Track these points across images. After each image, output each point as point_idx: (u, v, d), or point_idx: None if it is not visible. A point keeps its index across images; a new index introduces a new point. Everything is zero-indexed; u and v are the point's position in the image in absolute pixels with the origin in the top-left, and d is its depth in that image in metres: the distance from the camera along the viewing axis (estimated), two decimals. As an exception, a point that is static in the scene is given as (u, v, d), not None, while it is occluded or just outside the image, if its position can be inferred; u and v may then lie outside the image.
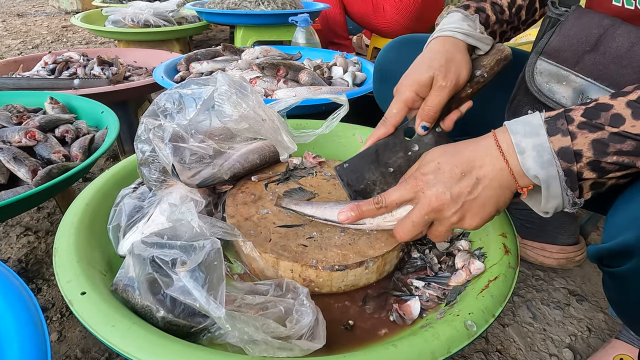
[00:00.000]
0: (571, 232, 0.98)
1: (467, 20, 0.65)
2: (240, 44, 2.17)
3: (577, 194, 0.47)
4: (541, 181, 0.47)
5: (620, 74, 0.55)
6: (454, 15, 0.67)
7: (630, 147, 0.44)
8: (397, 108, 0.62)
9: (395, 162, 0.64)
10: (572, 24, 0.61)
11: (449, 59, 0.61)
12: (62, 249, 0.60)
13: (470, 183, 0.50)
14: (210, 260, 0.51)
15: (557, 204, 0.48)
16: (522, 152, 0.47)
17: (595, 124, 0.45)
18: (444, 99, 0.59)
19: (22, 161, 0.90)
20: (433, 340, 0.48)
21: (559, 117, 0.47)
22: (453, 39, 0.63)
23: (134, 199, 0.71)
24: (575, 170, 0.46)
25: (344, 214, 0.58)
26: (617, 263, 0.47)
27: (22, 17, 4.13)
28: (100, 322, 0.49)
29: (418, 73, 0.61)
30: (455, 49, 0.62)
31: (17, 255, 1.03)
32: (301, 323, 0.50)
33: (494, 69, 0.64)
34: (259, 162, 0.78)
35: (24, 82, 1.46)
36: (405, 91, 0.61)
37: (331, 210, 0.63)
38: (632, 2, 0.56)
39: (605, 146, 0.45)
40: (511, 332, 0.86)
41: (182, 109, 0.71)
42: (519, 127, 0.49)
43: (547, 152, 0.46)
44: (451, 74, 0.59)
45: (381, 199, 0.55)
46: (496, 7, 0.70)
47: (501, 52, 0.64)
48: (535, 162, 0.46)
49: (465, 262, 0.63)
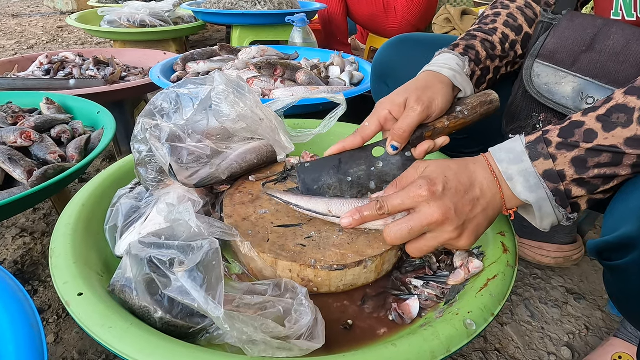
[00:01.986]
0: (568, 230, 0.98)
1: (456, 60, 0.67)
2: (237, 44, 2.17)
3: (569, 210, 0.49)
4: (532, 204, 0.49)
5: (618, 70, 0.56)
6: (445, 55, 0.69)
7: (607, 159, 0.46)
8: (370, 122, 0.63)
9: (355, 173, 0.65)
10: (565, 26, 0.62)
11: (426, 86, 0.62)
12: (59, 250, 0.60)
13: (472, 202, 0.51)
14: (209, 260, 0.51)
15: (552, 220, 0.51)
16: (510, 178, 0.50)
17: (570, 143, 0.48)
18: (414, 121, 0.60)
19: (18, 162, 0.89)
20: (432, 339, 0.48)
21: (539, 142, 0.49)
22: (438, 73, 0.65)
23: (131, 199, 0.71)
24: (562, 189, 0.48)
25: (346, 220, 0.58)
26: (618, 256, 0.47)
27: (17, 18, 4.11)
28: (98, 323, 0.48)
29: (395, 95, 0.63)
30: (436, 79, 0.63)
31: (13, 257, 1.02)
32: (300, 323, 0.50)
33: (477, 110, 0.64)
34: (257, 162, 0.78)
35: (19, 83, 1.45)
36: (379, 110, 0.63)
37: (315, 201, 0.63)
38: (634, 14, 0.57)
39: (584, 162, 0.47)
40: (510, 330, 0.86)
41: (179, 108, 0.70)
42: (503, 154, 0.51)
43: (533, 177, 0.49)
44: (425, 98, 0.60)
45: (383, 205, 0.54)
46: (486, 43, 0.71)
47: (487, 95, 0.65)
48: (524, 187, 0.49)
49: (464, 261, 0.63)
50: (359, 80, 1.51)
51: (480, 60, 0.70)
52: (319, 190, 0.66)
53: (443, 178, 0.51)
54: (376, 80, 0.91)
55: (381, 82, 0.90)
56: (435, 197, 0.50)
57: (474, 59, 0.69)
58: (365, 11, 2.01)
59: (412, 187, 0.52)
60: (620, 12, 0.58)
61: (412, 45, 0.83)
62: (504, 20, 0.73)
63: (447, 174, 0.52)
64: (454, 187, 0.51)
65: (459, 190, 0.51)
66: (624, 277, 0.49)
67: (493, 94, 0.65)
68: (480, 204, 0.51)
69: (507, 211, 0.52)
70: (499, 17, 0.73)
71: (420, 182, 0.52)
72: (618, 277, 0.50)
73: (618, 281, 0.51)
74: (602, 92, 0.58)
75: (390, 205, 0.54)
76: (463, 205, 0.50)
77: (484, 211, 0.52)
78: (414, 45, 0.84)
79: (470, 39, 0.71)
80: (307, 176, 0.66)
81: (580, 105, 0.60)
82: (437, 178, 0.51)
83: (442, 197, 0.50)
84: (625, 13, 0.58)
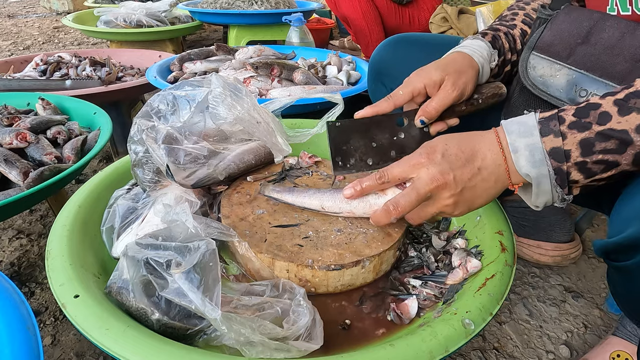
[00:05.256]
0: (566, 229, 0.98)
1: (487, 50, 0.69)
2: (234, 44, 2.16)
3: (566, 190, 0.49)
4: (532, 179, 0.49)
5: (611, 63, 0.57)
6: (477, 41, 0.70)
7: (614, 145, 0.46)
8: (403, 91, 0.65)
9: (379, 139, 0.67)
10: (562, 19, 0.62)
11: (463, 71, 0.64)
12: (55, 252, 0.59)
13: (472, 171, 0.51)
14: (206, 261, 0.50)
15: (547, 199, 0.51)
16: (515, 150, 0.50)
17: (584, 123, 0.47)
18: (448, 102, 0.62)
19: (14, 163, 0.89)
20: (431, 339, 0.47)
21: (552, 118, 0.49)
22: (471, 58, 0.67)
23: (128, 200, 0.71)
24: (564, 169, 0.48)
25: (348, 190, 0.60)
26: (625, 257, 0.47)
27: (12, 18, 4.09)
28: (94, 325, 0.48)
29: (433, 70, 0.64)
30: (470, 65, 0.66)
31: (9, 259, 1.02)
32: (298, 324, 0.50)
33: (489, 100, 0.68)
34: (254, 163, 0.78)
35: (14, 84, 1.45)
36: (415, 81, 0.65)
37: (310, 197, 0.66)
38: (629, 8, 0.57)
39: (591, 145, 0.47)
40: (508, 329, 0.86)
41: (175, 110, 0.70)
42: (514, 126, 0.51)
43: (539, 152, 0.48)
44: (460, 83, 0.63)
45: (383, 174, 0.56)
46: (509, 36, 0.74)
47: (499, 88, 0.69)
48: (528, 161, 0.49)
49: (462, 261, 0.63)
50: (356, 80, 1.51)
51: (503, 52, 0.72)
52: (347, 151, 0.66)
53: (443, 145, 0.53)
54: (373, 79, 0.91)
55: (378, 81, 0.90)
56: (434, 163, 0.52)
57: (499, 49, 0.72)
58: (392, 23, 2.05)
59: (412, 155, 0.54)
60: (615, 7, 0.58)
61: (408, 45, 0.84)
62: (522, 19, 0.75)
63: (448, 142, 0.53)
64: (453, 154, 0.52)
65: (459, 158, 0.51)
66: (630, 278, 0.48)
67: (503, 87, 0.69)
68: (480, 174, 0.51)
69: (512, 186, 0.52)
70: (517, 16, 0.76)
71: (420, 150, 0.54)
72: (624, 278, 0.50)
73: (624, 281, 0.51)
74: (595, 85, 0.58)
75: (390, 174, 0.56)
76: (462, 173, 0.51)
77: (484, 182, 0.52)
78: (409, 45, 0.84)
79: (497, 31, 0.74)
80: (337, 135, 0.66)
81: (574, 98, 0.60)
82: (436, 145, 0.53)
83: (441, 163, 0.52)
84: (621, 8, 0.58)
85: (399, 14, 2.01)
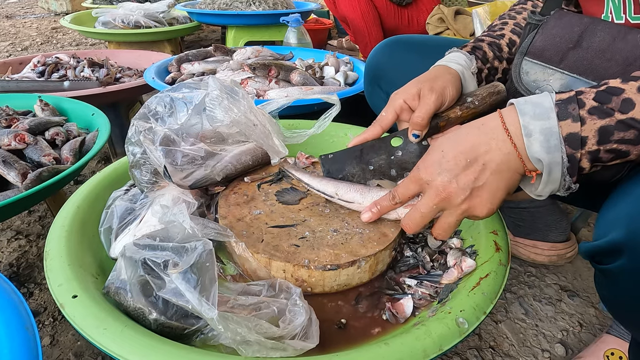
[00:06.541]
0: (562, 229, 0.99)
1: (464, 57, 0.69)
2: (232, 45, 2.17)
3: (574, 179, 0.47)
4: (544, 166, 0.46)
5: (604, 67, 0.57)
6: (453, 53, 0.71)
7: (633, 135, 0.44)
8: (387, 112, 0.65)
9: (376, 162, 0.68)
10: (553, 24, 0.63)
11: (438, 76, 0.64)
12: (53, 253, 0.60)
13: (476, 170, 0.49)
14: (202, 261, 0.51)
15: (554, 188, 0.48)
16: (529, 134, 0.46)
17: (605, 110, 0.44)
18: (430, 108, 0.62)
19: (12, 164, 0.89)
20: (425, 338, 0.48)
21: (571, 101, 0.46)
22: (446, 66, 0.67)
23: (126, 201, 0.71)
24: (577, 157, 0.45)
25: (366, 214, 0.63)
26: (608, 260, 0.48)
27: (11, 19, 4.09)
28: (92, 325, 0.48)
29: (409, 85, 0.65)
30: (446, 72, 0.66)
31: (8, 260, 1.02)
32: (294, 323, 0.50)
33: (486, 100, 0.67)
34: (252, 164, 0.78)
35: (13, 85, 1.45)
36: (395, 99, 0.65)
37: (325, 183, 0.68)
38: (622, 16, 0.57)
39: (610, 134, 0.44)
40: (504, 328, 0.86)
41: (173, 112, 0.70)
42: (528, 107, 0.47)
43: (555, 137, 0.45)
44: (437, 86, 0.62)
45: (395, 195, 0.58)
46: (493, 46, 0.74)
47: (494, 87, 0.68)
48: (542, 147, 0.46)
49: (457, 260, 0.64)
50: (354, 80, 1.52)
51: (487, 60, 0.73)
52: (343, 180, 0.69)
53: (439, 154, 0.52)
54: (369, 82, 0.92)
55: (374, 84, 0.90)
56: (433, 176, 0.51)
57: (481, 57, 0.72)
58: (391, 24, 2.05)
59: (413, 171, 0.55)
60: (610, 15, 0.59)
61: (404, 48, 0.84)
62: (511, 28, 0.75)
63: (445, 147, 0.52)
64: (452, 159, 0.51)
65: (459, 161, 0.50)
66: (613, 280, 0.49)
67: (500, 85, 0.68)
68: (488, 167, 0.49)
69: (529, 172, 0.49)
70: (507, 25, 0.76)
71: (420, 164, 0.54)
72: (608, 280, 0.51)
73: (608, 284, 0.51)
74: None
75: (399, 194, 0.57)
76: (465, 176, 0.50)
77: (495, 175, 0.49)
78: (405, 47, 0.85)
79: (478, 42, 0.74)
80: (331, 167, 0.69)
81: None
82: (433, 156, 0.53)
83: (440, 173, 0.51)
84: (615, 16, 0.58)
85: (397, 14, 2.02)
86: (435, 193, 0.51)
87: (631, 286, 0.46)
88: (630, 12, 0.56)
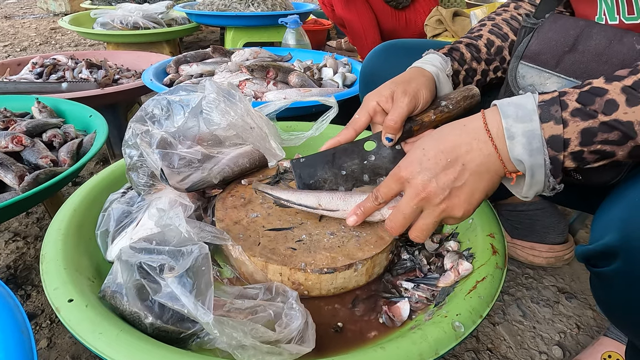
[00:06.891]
0: (560, 231, 0.99)
1: (439, 59, 0.69)
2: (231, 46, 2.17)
3: (558, 180, 0.47)
4: (526, 168, 0.46)
5: (601, 70, 0.56)
6: (429, 55, 0.71)
7: (617, 136, 0.43)
8: (360, 115, 0.65)
9: (349, 166, 0.67)
10: (549, 28, 0.62)
11: (412, 78, 0.64)
12: (49, 256, 0.60)
13: (456, 170, 0.49)
14: (198, 265, 0.51)
15: (539, 189, 0.48)
16: (511, 137, 0.46)
17: (588, 111, 0.44)
18: (404, 111, 0.61)
19: (9, 167, 0.89)
20: (421, 342, 0.48)
21: (553, 103, 0.46)
22: (421, 68, 0.67)
23: (123, 204, 0.71)
24: (560, 158, 0.45)
25: (351, 218, 0.61)
26: (603, 264, 0.48)
27: (9, 20, 4.09)
28: (88, 329, 0.48)
29: (381, 88, 0.64)
30: (419, 74, 0.65)
31: (5, 262, 1.02)
32: (290, 327, 0.50)
33: (460, 103, 0.66)
34: (249, 166, 0.78)
35: (10, 86, 1.45)
36: (368, 101, 0.65)
37: (305, 196, 0.65)
38: (616, 17, 0.57)
39: (593, 135, 0.44)
40: (501, 330, 0.86)
41: (170, 115, 0.70)
42: (511, 109, 0.47)
43: (537, 140, 0.45)
44: (410, 89, 0.62)
45: (377, 195, 0.57)
46: (471, 47, 0.74)
47: (469, 90, 0.67)
48: (525, 149, 0.46)
49: (453, 263, 0.64)
50: (352, 82, 1.52)
51: (464, 61, 0.72)
52: (315, 184, 0.67)
53: (420, 152, 0.52)
54: (365, 87, 0.92)
55: (370, 89, 0.90)
56: (413, 175, 0.51)
57: (458, 59, 0.72)
58: (388, 26, 2.05)
59: (394, 169, 0.54)
60: (603, 16, 0.59)
61: (399, 52, 0.84)
62: (489, 29, 0.75)
63: (426, 146, 0.52)
64: (432, 158, 0.50)
65: (439, 160, 0.50)
66: (608, 283, 0.49)
67: (474, 88, 0.67)
68: (468, 168, 0.49)
69: (509, 174, 0.49)
70: (485, 27, 0.76)
71: (400, 163, 0.53)
72: (603, 283, 0.51)
73: (603, 287, 0.51)
74: None
75: (382, 193, 0.56)
76: (445, 175, 0.49)
77: (474, 176, 0.49)
78: (400, 51, 0.85)
79: (456, 43, 0.74)
80: (302, 171, 0.67)
81: None
82: (414, 154, 0.52)
83: (420, 172, 0.51)
84: (609, 17, 0.58)
85: (395, 17, 2.02)
86: (415, 192, 0.51)
87: (625, 289, 0.46)
88: (623, 13, 0.56)
